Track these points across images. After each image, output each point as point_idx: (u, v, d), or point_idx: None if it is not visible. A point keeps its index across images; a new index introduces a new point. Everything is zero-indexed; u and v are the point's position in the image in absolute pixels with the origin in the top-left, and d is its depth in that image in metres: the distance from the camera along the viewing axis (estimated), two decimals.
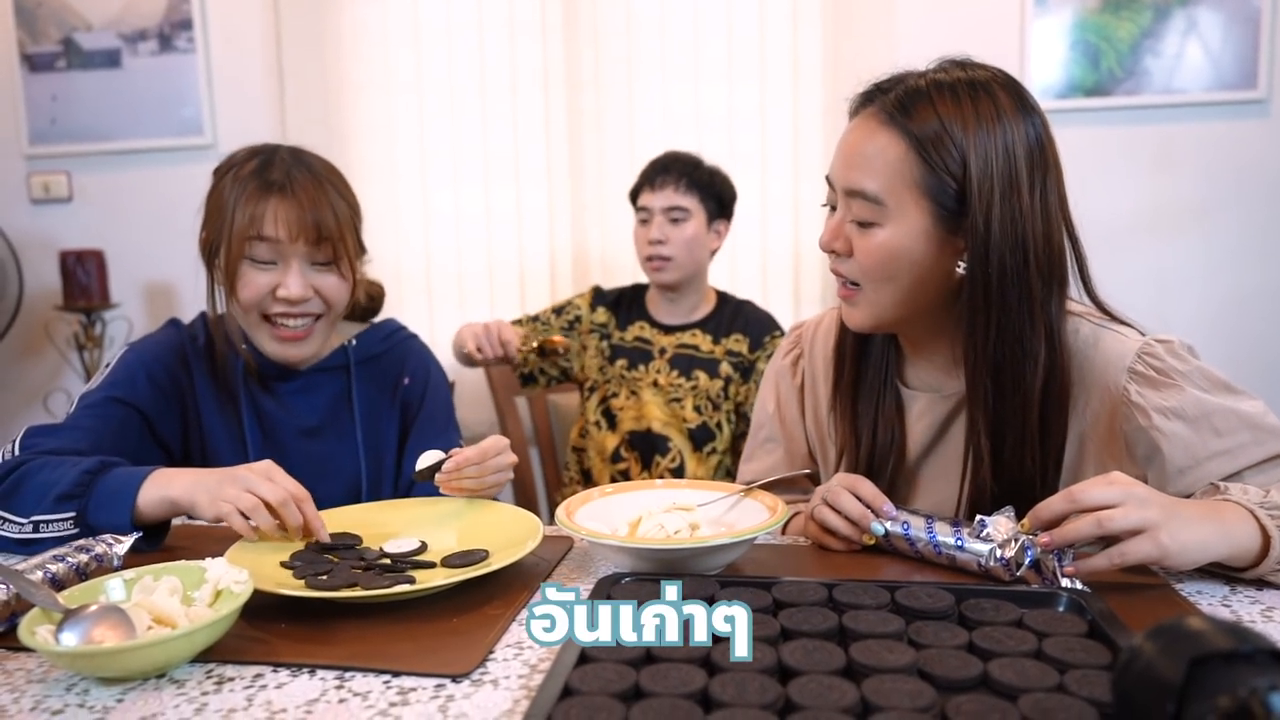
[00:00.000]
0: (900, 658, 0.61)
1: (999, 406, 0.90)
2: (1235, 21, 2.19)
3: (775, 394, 1.15)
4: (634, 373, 1.89)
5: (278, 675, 0.67)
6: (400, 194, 2.54)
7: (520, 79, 2.47)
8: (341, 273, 1.14)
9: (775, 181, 2.41)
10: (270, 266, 1.11)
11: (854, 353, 1.03)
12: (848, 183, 0.91)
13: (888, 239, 0.90)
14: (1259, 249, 2.28)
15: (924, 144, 0.87)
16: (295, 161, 1.13)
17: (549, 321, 1.95)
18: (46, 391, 2.73)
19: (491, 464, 0.98)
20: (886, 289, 0.92)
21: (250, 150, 1.16)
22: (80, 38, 2.59)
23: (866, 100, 0.94)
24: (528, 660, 0.69)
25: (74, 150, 2.63)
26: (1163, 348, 0.90)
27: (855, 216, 0.91)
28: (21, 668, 0.70)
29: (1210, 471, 0.87)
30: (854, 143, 0.92)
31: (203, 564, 0.77)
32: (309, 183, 1.11)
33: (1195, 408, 0.87)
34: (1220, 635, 0.45)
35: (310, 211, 1.09)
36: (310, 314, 1.14)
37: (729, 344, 1.87)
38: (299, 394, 1.21)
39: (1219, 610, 0.76)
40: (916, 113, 0.88)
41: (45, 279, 2.66)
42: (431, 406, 1.27)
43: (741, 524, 0.90)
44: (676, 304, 1.91)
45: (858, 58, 2.31)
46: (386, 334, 1.29)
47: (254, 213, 1.08)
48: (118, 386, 1.13)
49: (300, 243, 1.09)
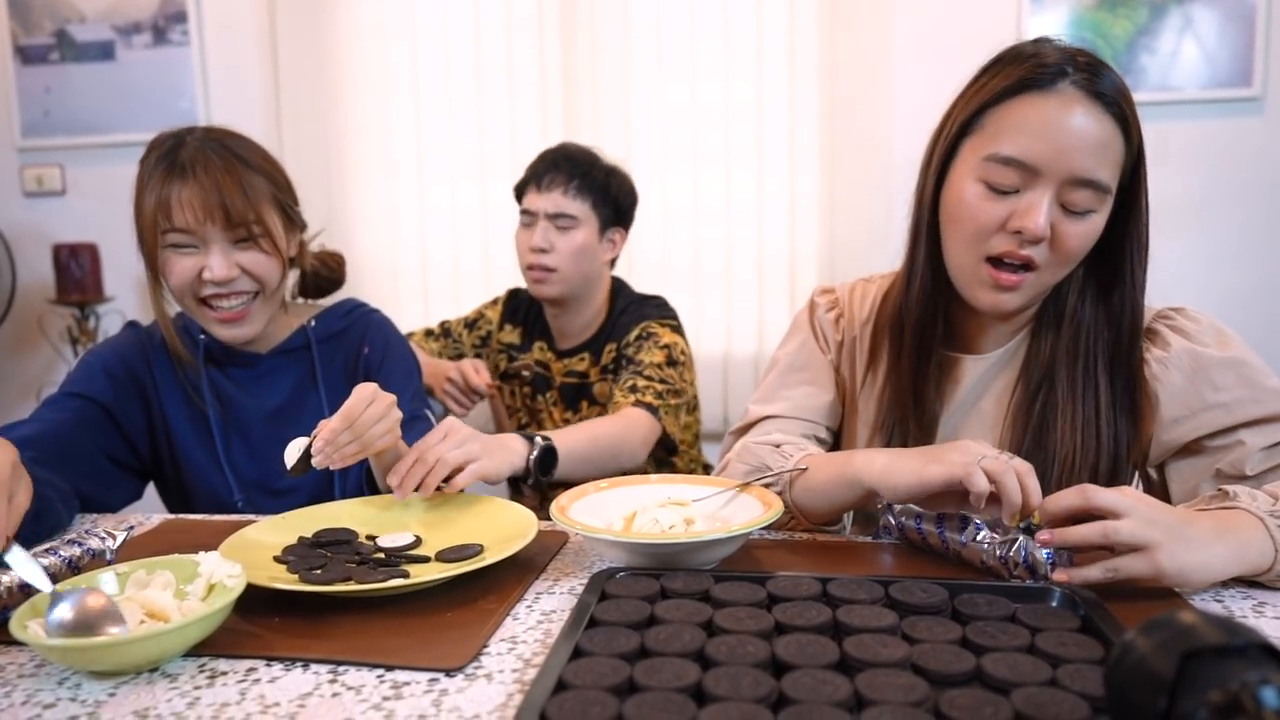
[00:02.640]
0: (894, 652, 0.61)
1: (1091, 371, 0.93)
2: (1231, 20, 2.19)
3: (820, 341, 1.09)
4: (535, 403, 1.73)
5: (271, 669, 0.67)
6: (397, 191, 2.54)
7: (517, 76, 2.46)
8: (265, 249, 1.12)
9: (771, 178, 2.41)
10: (192, 250, 1.10)
11: (923, 318, 0.99)
12: (1080, 171, 0.86)
13: (1100, 223, 0.89)
14: (1255, 246, 2.29)
15: (1129, 126, 0.88)
16: (205, 143, 1.11)
17: (460, 337, 1.79)
18: (40, 385, 2.72)
19: (364, 421, 0.91)
20: (1065, 270, 0.91)
21: (167, 134, 1.13)
22: (74, 30, 2.58)
23: (1054, 76, 0.87)
24: (521, 654, 0.69)
25: (67, 143, 2.62)
26: (1176, 311, 0.95)
27: (1076, 205, 0.87)
28: (13, 662, 0.69)
29: (1206, 422, 0.90)
30: (1083, 128, 0.85)
31: (196, 558, 0.77)
32: (216, 163, 1.08)
33: (1193, 360, 0.91)
34: (1212, 630, 0.45)
35: (216, 193, 1.07)
36: (244, 292, 1.13)
37: (605, 359, 1.65)
38: (262, 379, 1.21)
39: (1211, 605, 0.76)
40: (1119, 93, 0.87)
41: (38, 272, 2.65)
42: (389, 371, 1.24)
43: (737, 519, 0.90)
44: (565, 322, 1.69)
45: (854, 55, 2.31)
46: (346, 311, 1.29)
47: (159, 198, 1.07)
48: (75, 383, 1.15)
49: (211, 225, 1.08)
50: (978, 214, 0.89)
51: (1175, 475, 0.94)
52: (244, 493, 1.20)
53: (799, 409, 1.07)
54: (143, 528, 1.04)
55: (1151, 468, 0.97)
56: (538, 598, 0.80)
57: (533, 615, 0.76)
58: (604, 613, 0.68)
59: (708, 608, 0.69)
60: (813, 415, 1.08)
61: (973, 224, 0.90)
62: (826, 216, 2.41)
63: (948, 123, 0.94)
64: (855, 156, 2.35)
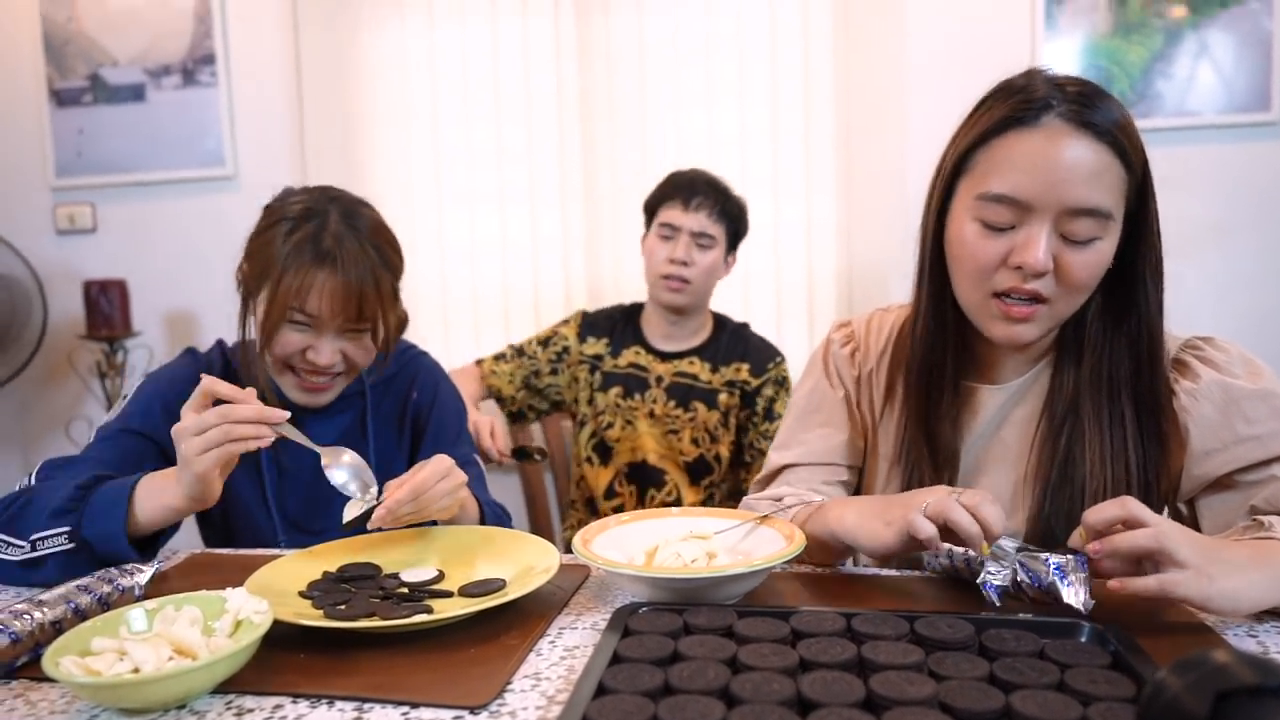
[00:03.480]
0: (921, 689, 0.60)
1: (1117, 400, 0.92)
2: (1246, 44, 2.19)
3: (831, 380, 1.10)
4: (629, 401, 1.83)
5: (297, 706, 0.67)
6: (417, 221, 2.57)
7: (534, 107, 2.50)
8: (372, 341, 1.14)
9: (788, 204, 2.43)
10: (306, 329, 1.11)
11: (929, 359, 0.99)
12: (1075, 202, 0.84)
13: (1107, 249, 0.87)
14: (1273, 269, 2.27)
15: (1129, 155, 0.86)
16: (347, 227, 1.10)
17: (535, 355, 1.89)
18: (69, 419, 2.77)
19: (429, 496, 0.92)
20: (1080, 299, 0.90)
21: (304, 204, 1.12)
22: (107, 73, 2.65)
23: (1041, 111, 0.86)
24: (545, 691, 0.68)
25: (99, 182, 2.69)
26: (1204, 341, 0.93)
27: (1078, 235, 0.86)
28: (45, 698, 0.70)
29: (1238, 456, 0.88)
30: (1072, 161, 0.84)
31: (223, 594, 0.78)
32: (358, 254, 1.09)
33: (1224, 392, 0.89)
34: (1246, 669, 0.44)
35: (357, 290, 1.08)
36: (338, 373, 1.16)
37: (729, 373, 1.82)
38: (315, 423, 1.22)
39: (1245, 642, 0.75)
40: (1113, 122, 0.85)
41: (69, 308, 2.71)
42: (439, 420, 1.26)
43: (759, 552, 0.90)
44: (677, 328, 1.85)
45: (869, 81, 2.33)
46: (397, 354, 1.30)
47: (302, 284, 1.07)
48: (133, 418, 1.14)
49: (340, 318, 1.10)
50: (977, 253, 0.89)
51: (1207, 510, 0.92)
52: (287, 533, 1.21)
53: (816, 453, 1.08)
54: (169, 562, 1.05)
55: (1182, 503, 0.95)
56: (560, 633, 0.80)
57: (556, 651, 0.76)
58: (627, 649, 0.68)
59: (731, 644, 0.68)
60: (831, 458, 1.08)
61: (973, 263, 0.90)
62: (844, 242, 2.41)
63: (943, 162, 0.95)
64: (871, 182, 2.36)
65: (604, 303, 2.45)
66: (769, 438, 1.76)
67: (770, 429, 1.79)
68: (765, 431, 1.79)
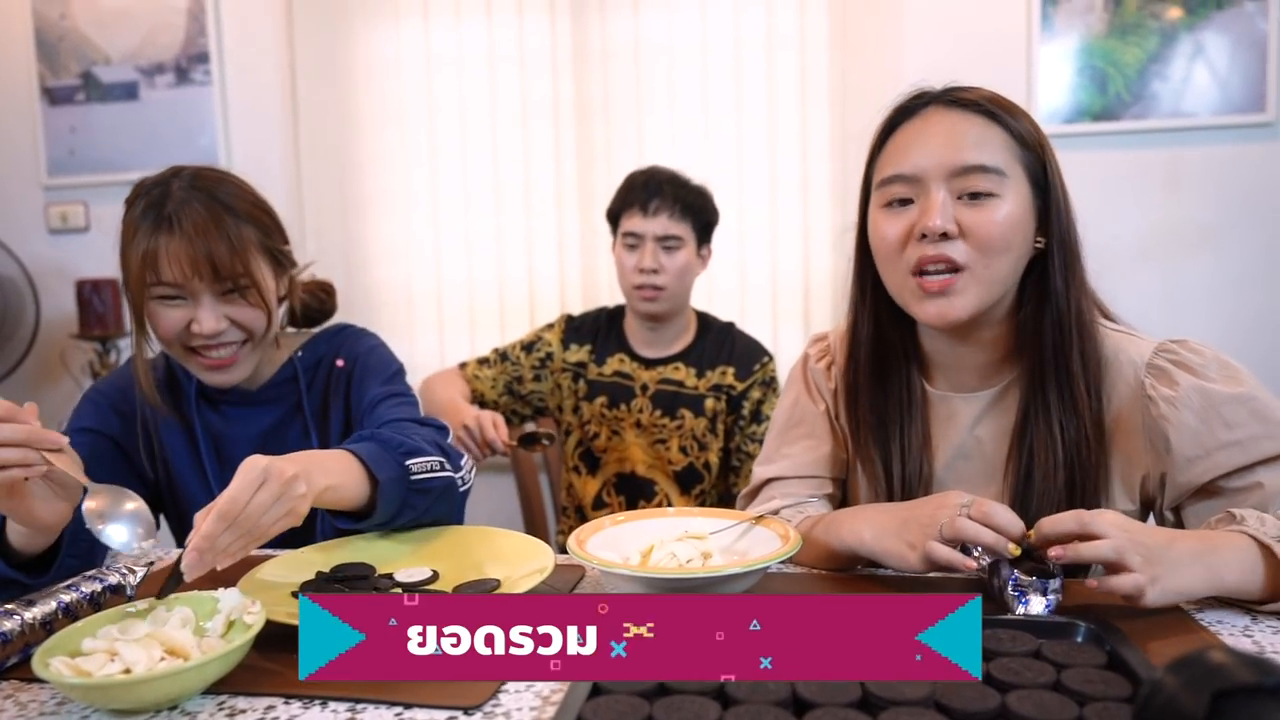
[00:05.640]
0: (917, 689, 0.60)
1: (1062, 387, 0.92)
2: (1242, 45, 2.20)
3: (812, 394, 1.10)
4: (615, 411, 1.78)
5: (289, 707, 0.67)
6: (413, 222, 2.57)
7: (530, 109, 2.49)
8: (252, 301, 1.10)
9: (785, 207, 2.43)
10: (180, 302, 1.08)
11: (872, 368, 1.01)
12: (960, 160, 0.89)
13: (1011, 208, 0.90)
14: (1268, 271, 2.27)
15: (1009, 121, 0.92)
16: (191, 190, 1.07)
17: (519, 360, 1.83)
18: (61, 419, 2.74)
19: (250, 514, 0.74)
20: (1000, 263, 0.90)
21: (153, 180, 1.10)
22: (99, 71, 2.64)
23: (918, 104, 0.95)
24: (540, 692, 0.68)
25: (91, 181, 2.68)
26: (1178, 344, 0.92)
27: (971, 189, 0.89)
28: (34, 699, 0.70)
29: (1220, 463, 0.88)
30: (949, 128, 0.91)
31: (215, 594, 0.77)
32: (202, 215, 1.05)
33: (1203, 398, 0.88)
34: (1243, 668, 0.44)
35: (203, 247, 1.04)
36: (231, 341, 1.11)
37: (715, 377, 1.76)
38: (251, 413, 1.20)
39: (1241, 641, 0.75)
40: (985, 97, 0.93)
41: (62, 307, 2.69)
42: (363, 367, 1.21)
43: (754, 552, 0.89)
44: (659, 334, 1.78)
45: (865, 84, 2.33)
46: (330, 336, 1.27)
47: (148, 250, 1.05)
48: (84, 418, 1.16)
49: (198, 280, 1.06)
50: (885, 232, 0.93)
51: (1193, 518, 0.91)
52: None
53: (800, 466, 1.08)
54: (162, 563, 1.04)
55: (1168, 510, 0.95)
56: None
57: None
58: None
59: None
60: (815, 470, 1.08)
61: (884, 243, 0.94)
62: (840, 246, 2.42)
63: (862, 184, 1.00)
64: None
65: (598, 302, 2.44)
66: (757, 440, 1.72)
67: (758, 431, 1.74)
68: (752, 434, 1.75)
